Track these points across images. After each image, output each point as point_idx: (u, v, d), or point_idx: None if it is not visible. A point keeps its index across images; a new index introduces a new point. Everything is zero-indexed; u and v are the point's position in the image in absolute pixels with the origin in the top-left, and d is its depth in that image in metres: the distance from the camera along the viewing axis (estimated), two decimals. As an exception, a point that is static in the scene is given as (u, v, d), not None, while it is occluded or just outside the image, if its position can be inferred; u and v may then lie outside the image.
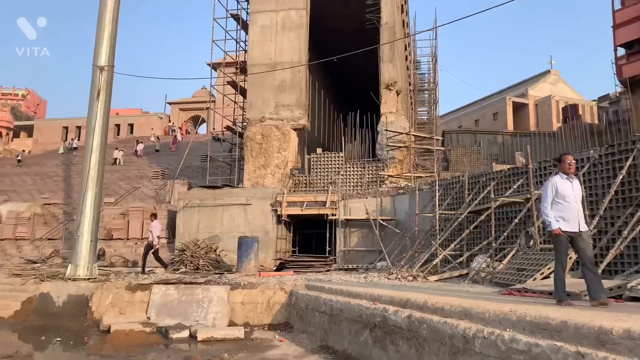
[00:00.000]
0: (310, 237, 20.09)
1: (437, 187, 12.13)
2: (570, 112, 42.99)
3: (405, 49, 25.93)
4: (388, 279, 10.01)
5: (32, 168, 39.20)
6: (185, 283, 10.61)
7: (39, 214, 21.86)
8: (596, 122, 40.82)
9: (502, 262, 8.84)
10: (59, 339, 8.85)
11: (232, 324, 9.92)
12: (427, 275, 10.01)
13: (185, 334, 8.92)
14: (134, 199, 25.14)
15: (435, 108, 28.06)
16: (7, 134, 58.11)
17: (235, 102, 23.40)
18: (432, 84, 29.34)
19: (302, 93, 19.79)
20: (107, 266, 16.26)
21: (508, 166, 12.76)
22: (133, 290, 10.64)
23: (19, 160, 41.39)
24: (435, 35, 26.91)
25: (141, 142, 39.54)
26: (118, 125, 56.57)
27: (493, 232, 9.80)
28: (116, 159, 35.94)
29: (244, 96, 22.27)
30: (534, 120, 49.43)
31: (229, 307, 10.02)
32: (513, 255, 8.77)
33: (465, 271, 10.13)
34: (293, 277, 11.47)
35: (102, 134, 12.09)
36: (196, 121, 61.06)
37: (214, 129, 48.64)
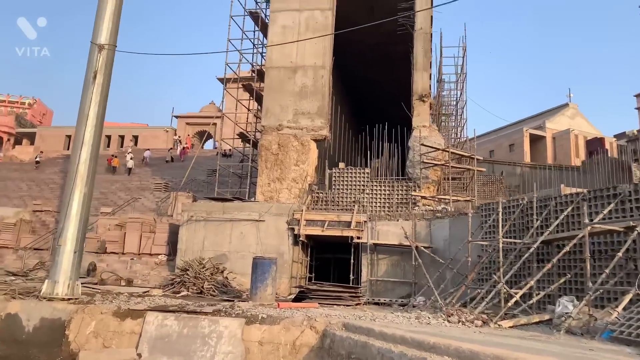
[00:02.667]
0: (327, 262, 17.91)
1: (500, 209, 10.00)
2: (596, 145, 41.48)
3: (430, 67, 24.23)
4: (448, 321, 7.82)
5: (28, 174, 37.33)
6: (189, 312, 8.43)
7: (26, 220, 19.76)
8: (615, 157, 39.49)
9: (615, 308, 6.68)
10: (16, 382, 6.64)
11: (245, 369, 7.71)
12: (497, 321, 7.81)
13: (186, 383, 6.71)
14: (133, 211, 23.04)
15: (463, 129, 26.13)
16: (9, 139, 56.76)
17: (248, 110, 21.51)
18: (457, 104, 27.46)
19: (324, 100, 17.87)
20: (96, 283, 14.07)
21: (577, 189, 10.69)
22: (122, 317, 8.47)
23: (37, 162, 40.27)
24: (464, 52, 25.11)
25: (148, 150, 37.92)
26: (122, 137, 55.10)
27: (588, 267, 7.64)
28: (130, 168, 34.22)
29: (259, 103, 20.40)
30: (551, 154, 47.91)
31: (243, 347, 7.82)
32: (631, 301, 6.62)
33: (546, 316, 7.94)
34: (320, 310, 9.27)
35: (97, 125, 10.10)
36: (202, 136, 59.49)
37: (220, 144, 47.12)
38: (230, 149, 37.18)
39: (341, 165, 17.48)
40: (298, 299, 11.64)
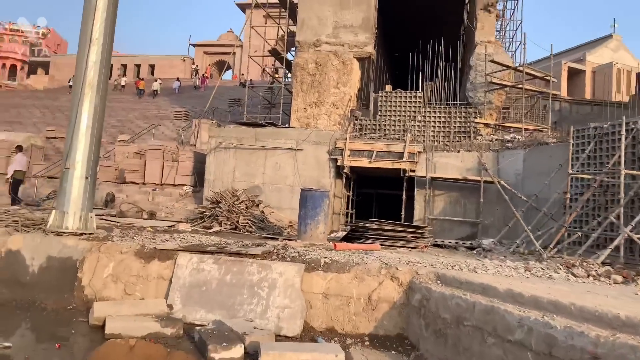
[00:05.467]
0: (369, 198, 16.11)
1: (623, 131, 7.75)
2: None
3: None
4: (573, 274, 5.94)
5: (43, 101, 35.67)
6: (231, 253, 6.65)
7: (38, 146, 18.11)
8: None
9: None
10: (8, 344, 4.97)
11: (307, 328, 6.00)
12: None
13: (236, 352, 4.97)
14: (153, 140, 21.25)
15: (515, 54, 23.10)
16: (22, 67, 54.85)
17: (277, 23, 18.91)
18: (506, 26, 24.16)
19: (370, 11, 15.30)
20: (115, 215, 12.49)
21: None
22: (147, 258, 6.74)
23: (71, 87, 38.13)
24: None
25: (178, 80, 35.99)
26: (138, 66, 52.86)
27: None
28: (155, 90, 32.72)
29: (292, 18, 17.84)
30: (589, 88, 44.50)
31: (302, 301, 6.06)
32: None
33: None
34: (387, 254, 7.43)
35: (108, 18, 7.95)
36: (221, 67, 56.76)
37: (242, 73, 44.55)
38: (251, 79, 34.78)
39: (388, 87, 15.17)
40: (348, 238, 9.86)
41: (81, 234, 7.59)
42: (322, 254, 6.80)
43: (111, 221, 10.50)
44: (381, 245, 8.75)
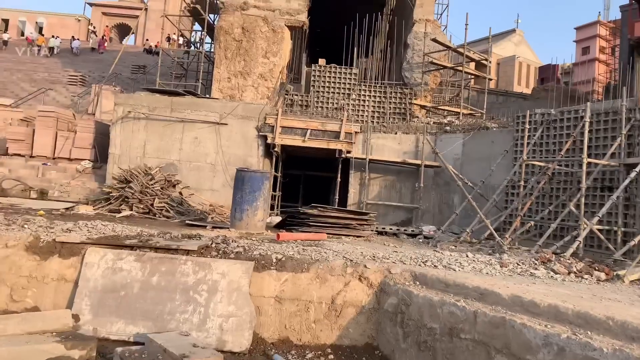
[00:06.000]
0: (296, 179, 15.07)
1: (587, 117, 7.31)
2: (548, 72, 40.92)
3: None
4: (553, 271, 5.38)
5: None
6: (158, 249, 5.28)
7: None
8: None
9: None
10: None
11: (257, 339, 4.89)
12: (621, 272, 5.51)
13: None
14: (42, 106, 18.30)
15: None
16: None
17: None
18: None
19: (305, -24, 14.07)
20: (-7, 194, 10.25)
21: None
22: (43, 253, 5.17)
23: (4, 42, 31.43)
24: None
25: (77, 39, 31.66)
26: (23, 23, 46.34)
27: None
28: (52, 47, 28.54)
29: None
30: (494, 79, 47.40)
31: (251, 307, 4.93)
32: None
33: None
34: (339, 246, 6.50)
35: None
36: (121, 30, 51.82)
37: (147, 39, 40.92)
38: (157, 45, 31.76)
39: (321, 61, 14.12)
40: (284, 225, 8.80)
41: (-55, 220, 5.74)
42: (273, 248, 5.67)
43: (-11, 202, 8.45)
44: (327, 234, 7.83)
